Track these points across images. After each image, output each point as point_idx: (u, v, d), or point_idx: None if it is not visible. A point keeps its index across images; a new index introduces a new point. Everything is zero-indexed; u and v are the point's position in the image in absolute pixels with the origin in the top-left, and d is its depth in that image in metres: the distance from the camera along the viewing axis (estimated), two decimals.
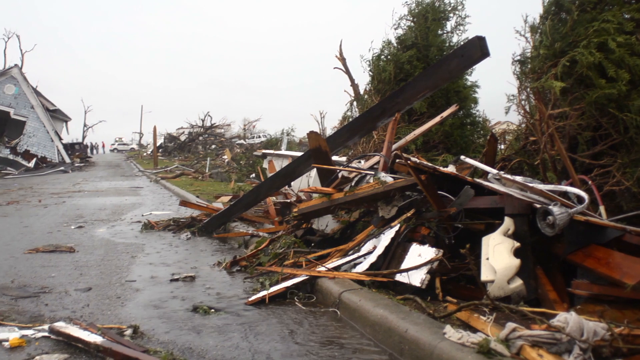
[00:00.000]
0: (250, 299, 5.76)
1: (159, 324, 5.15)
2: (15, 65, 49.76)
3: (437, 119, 9.04)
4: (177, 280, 6.84)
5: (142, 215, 13.48)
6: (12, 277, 7.22)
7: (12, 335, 4.79)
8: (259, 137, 62.68)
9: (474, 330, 4.05)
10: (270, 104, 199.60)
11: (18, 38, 75.32)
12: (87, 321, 5.15)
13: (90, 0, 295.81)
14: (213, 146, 56.98)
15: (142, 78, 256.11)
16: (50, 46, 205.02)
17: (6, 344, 4.62)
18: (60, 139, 51.62)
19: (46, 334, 4.84)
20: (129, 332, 4.84)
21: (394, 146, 8.31)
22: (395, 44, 13.37)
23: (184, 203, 12.33)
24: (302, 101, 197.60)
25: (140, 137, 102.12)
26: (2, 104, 46.19)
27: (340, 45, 18.33)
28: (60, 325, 4.87)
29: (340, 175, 7.58)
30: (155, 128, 49.28)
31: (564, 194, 5.24)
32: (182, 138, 66.21)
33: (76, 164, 48.03)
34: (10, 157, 45.21)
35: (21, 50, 72.09)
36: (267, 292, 5.79)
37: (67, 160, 48.40)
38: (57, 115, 56.19)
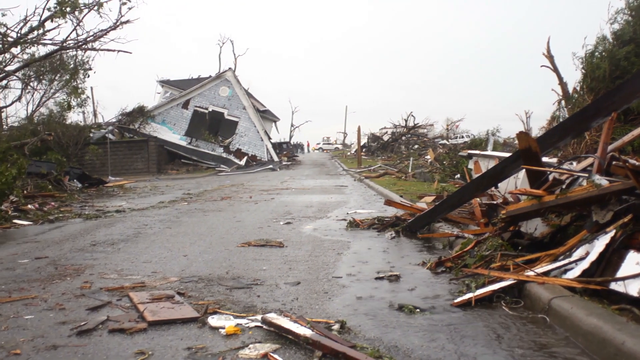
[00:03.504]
0: (455, 301, 5.73)
1: (365, 320, 5.26)
2: (229, 68, 53.01)
3: None
4: (382, 278, 6.94)
5: (347, 213, 13.80)
6: (227, 268, 7.70)
7: (227, 323, 5.11)
8: (462, 137, 61.94)
9: None
10: (472, 104, 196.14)
11: (232, 43, 79.66)
12: (296, 314, 5.37)
13: (291, 3, 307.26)
14: (416, 146, 57.13)
15: (347, 79, 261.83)
16: (260, 50, 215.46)
17: (222, 331, 4.95)
18: (269, 138, 54.19)
19: (258, 323, 5.10)
20: (336, 327, 4.98)
21: (609, 147, 7.87)
22: (610, 40, 12.69)
23: (389, 202, 12.45)
24: (503, 101, 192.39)
25: (344, 137, 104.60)
26: (217, 105, 49.37)
27: (548, 43, 17.73)
28: (271, 316, 5.12)
29: (551, 177, 7.32)
30: (359, 128, 50.37)
31: None
32: (385, 138, 66.96)
33: (283, 163, 50.22)
34: (224, 155, 48.27)
35: (234, 54, 76.85)
36: (473, 294, 5.72)
37: (275, 158, 50.62)
38: (266, 116, 59.12)
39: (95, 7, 20.39)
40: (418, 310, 5.51)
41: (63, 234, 11.53)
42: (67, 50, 23.96)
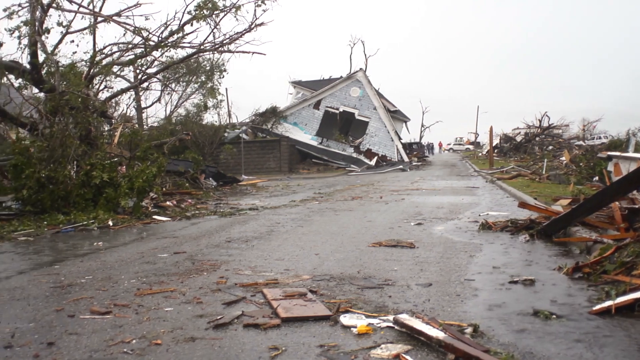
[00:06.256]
0: (594, 308, 5.51)
1: (498, 325, 5.17)
2: (360, 69, 53.34)
3: None
4: (516, 282, 6.78)
5: (479, 215, 13.57)
6: (358, 268, 7.76)
7: (359, 322, 5.17)
8: (600, 138, 59.49)
9: None
10: (609, 104, 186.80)
11: (362, 43, 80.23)
12: (428, 315, 5.35)
13: (427, 4, 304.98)
14: (550, 147, 55.26)
15: (479, 79, 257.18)
16: (391, 50, 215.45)
17: (354, 330, 5.01)
18: (400, 138, 54.09)
19: (390, 324, 5.13)
20: (469, 330, 4.92)
21: None
22: None
23: (523, 205, 12.14)
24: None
25: (476, 137, 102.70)
26: (348, 105, 49.85)
27: None
28: (403, 317, 5.12)
29: None
30: (491, 128, 49.26)
31: None
32: (518, 138, 65.29)
33: (413, 163, 49.95)
34: (354, 155, 48.66)
35: (365, 54, 77.54)
36: (613, 302, 5.48)
37: (405, 159, 50.46)
38: (396, 116, 59.03)
39: (232, 10, 20.95)
40: (554, 316, 5.34)
41: (199, 230, 12.00)
42: (204, 53, 24.78)
